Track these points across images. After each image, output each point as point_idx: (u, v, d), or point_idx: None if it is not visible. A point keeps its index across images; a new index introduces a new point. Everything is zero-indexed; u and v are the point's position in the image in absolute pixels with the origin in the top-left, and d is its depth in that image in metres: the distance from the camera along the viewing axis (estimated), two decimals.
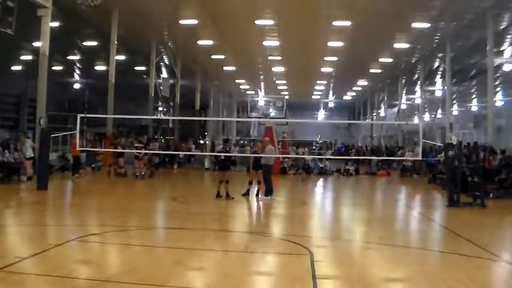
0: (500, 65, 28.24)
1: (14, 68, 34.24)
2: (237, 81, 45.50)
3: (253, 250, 7.86)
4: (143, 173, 19.87)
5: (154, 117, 34.99)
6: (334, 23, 23.60)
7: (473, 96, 42.05)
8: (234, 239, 8.92)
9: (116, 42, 25.09)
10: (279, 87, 46.68)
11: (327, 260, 7.18)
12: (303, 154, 29.20)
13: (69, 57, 33.79)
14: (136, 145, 20.76)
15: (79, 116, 13.55)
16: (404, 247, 8.38)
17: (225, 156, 14.53)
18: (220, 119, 47.85)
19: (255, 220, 11.98)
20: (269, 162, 14.54)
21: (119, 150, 20.44)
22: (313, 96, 55.08)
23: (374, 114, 50.03)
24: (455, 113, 43.27)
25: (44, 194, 13.81)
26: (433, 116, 41.47)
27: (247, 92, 46.54)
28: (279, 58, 33.24)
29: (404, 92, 40.92)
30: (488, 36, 22.37)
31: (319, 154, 32.37)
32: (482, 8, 21.42)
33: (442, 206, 13.83)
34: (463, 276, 6.23)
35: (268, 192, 14.09)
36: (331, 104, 60.82)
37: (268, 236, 9.28)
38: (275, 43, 28.75)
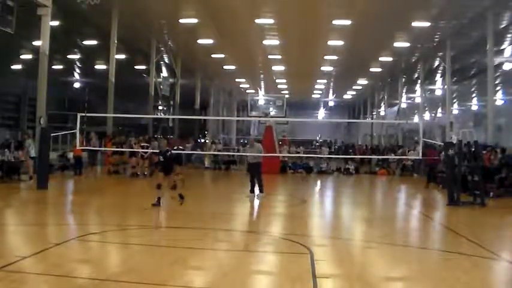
0: (500, 64, 28.26)
1: (14, 67, 34.24)
2: (237, 80, 45.50)
3: (253, 249, 7.86)
4: (146, 173, 20.03)
5: (155, 116, 35.00)
6: (334, 21, 23.59)
7: (474, 95, 42.08)
8: (234, 238, 8.92)
9: (116, 42, 25.08)
10: (279, 86, 46.69)
11: (327, 259, 7.18)
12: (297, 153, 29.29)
13: (69, 57, 33.80)
14: (142, 144, 20.84)
15: (79, 115, 13.56)
16: (405, 246, 8.38)
17: (164, 157, 12.16)
18: (220, 118, 47.84)
19: (254, 219, 11.98)
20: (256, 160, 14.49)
21: (125, 149, 20.55)
22: (313, 95, 55.09)
23: (374, 113, 50.02)
24: (455, 112, 43.34)
25: (44, 193, 13.81)
26: (433, 115, 41.48)
27: (248, 91, 46.53)
28: (279, 57, 33.25)
29: (404, 91, 40.92)
30: (488, 35, 22.34)
31: (320, 153, 32.38)
32: (482, 7, 21.39)
33: (442, 205, 13.84)
34: (463, 275, 6.23)
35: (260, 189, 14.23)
36: (331, 103, 60.82)
37: (268, 234, 9.27)
38: (275, 42, 28.75)
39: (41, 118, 18.47)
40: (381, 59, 33.22)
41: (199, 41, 29.09)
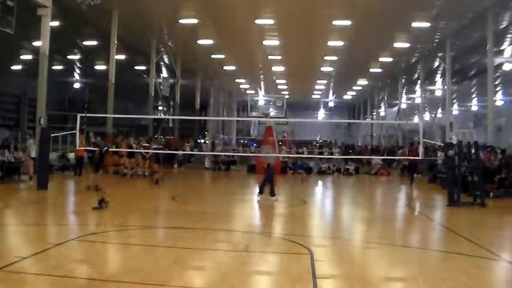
0: (500, 65, 28.22)
1: (14, 67, 34.22)
2: (237, 80, 45.48)
3: (253, 249, 7.86)
4: (146, 173, 20.09)
5: (155, 116, 35.02)
6: (334, 22, 23.59)
7: (473, 95, 42.06)
8: (234, 238, 8.91)
9: (116, 42, 25.07)
10: (279, 87, 46.68)
11: (327, 260, 7.18)
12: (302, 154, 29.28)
13: (69, 57, 33.80)
14: (144, 145, 20.89)
15: (79, 115, 13.55)
16: (405, 246, 8.38)
17: (99, 154, 11.04)
18: (220, 118, 47.85)
19: (255, 219, 11.97)
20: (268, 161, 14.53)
21: (128, 150, 20.56)
22: (313, 96, 55.07)
23: (374, 113, 50.02)
24: (455, 112, 43.32)
25: (44, 194, 13.80)
26: (433, 115, 41.47)
27: (247, 92, 46.53)
28: (279, 57, 33.23)
29: (404, 91, 40.89)
30: (488, 36, 22.33)
31: (320, 153, 32.36)
32: (482, 7, 21.39)
33: (442, 206, 13.84)
34: (463, 275, 6.23)
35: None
36: (331, 104, 60.82)
37: (269, 235, 9.28)
38: (275, 42, 28.74)
39: (41, 118, 18.45)
40: (380, 59, 33.21)
41: (199, 42, 29.08)
